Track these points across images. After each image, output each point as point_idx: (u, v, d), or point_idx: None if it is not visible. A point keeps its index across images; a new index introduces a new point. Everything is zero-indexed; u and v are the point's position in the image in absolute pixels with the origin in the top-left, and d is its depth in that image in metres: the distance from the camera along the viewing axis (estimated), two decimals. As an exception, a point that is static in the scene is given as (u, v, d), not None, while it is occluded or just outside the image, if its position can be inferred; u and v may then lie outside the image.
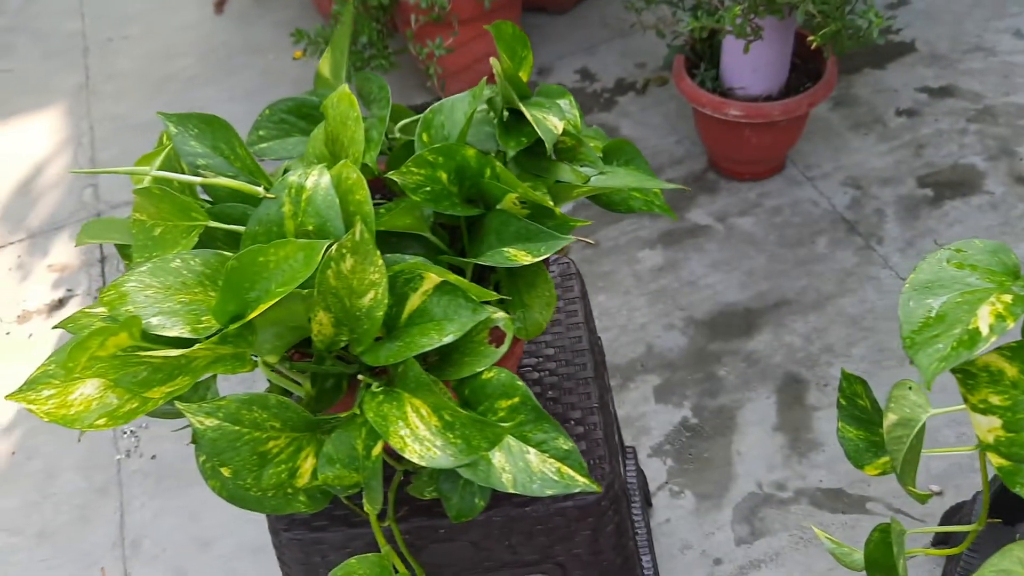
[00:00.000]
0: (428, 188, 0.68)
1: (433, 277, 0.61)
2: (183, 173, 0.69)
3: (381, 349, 0.61)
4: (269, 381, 0.72)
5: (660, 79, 2.13)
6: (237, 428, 0.59)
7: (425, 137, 0.71)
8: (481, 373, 0.61)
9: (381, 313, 0.60)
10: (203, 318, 0.60)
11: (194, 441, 0.65)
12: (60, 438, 1.62)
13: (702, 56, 1.82)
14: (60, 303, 1.85)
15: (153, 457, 1.57)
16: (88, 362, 0.54)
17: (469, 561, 0.87)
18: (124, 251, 0.74)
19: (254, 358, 0.63)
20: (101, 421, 0.59)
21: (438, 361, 0.65)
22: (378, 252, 0.59)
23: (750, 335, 1.61)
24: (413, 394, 0.60)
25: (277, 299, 0.56)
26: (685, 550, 1.36)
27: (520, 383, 0.60)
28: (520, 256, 0.66)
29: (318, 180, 0.62)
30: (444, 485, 0.66)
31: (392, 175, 0.66)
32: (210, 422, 0.58)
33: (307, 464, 0.62)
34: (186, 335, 0.59)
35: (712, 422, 1.50)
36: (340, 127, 0.69)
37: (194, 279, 0.62)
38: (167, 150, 0.69)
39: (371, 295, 0.60)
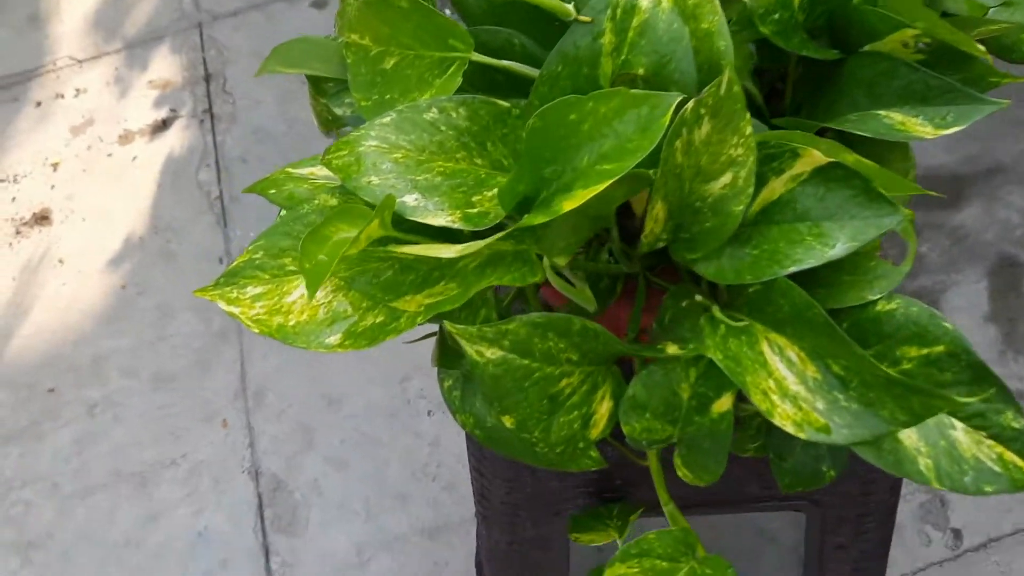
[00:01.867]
0: (777, 16, 0.46)
1: (816, 155, 0.41)
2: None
3: (724, 258, 0.42)
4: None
5: None
6: (527, 363, 0.41)
7: (767, -62, 0.49)
8: (875, 303, 0.42)
9: (741, 208, 0.41)
10: (474, 198, 0.41)
11: (441, 365, 0.48)
12: (172, 273, 1.49)
13: None
14: (164, 124, 1.68)
15: (273, 303, 1.44)
16: (338, 264, 0.36)
17: (710, 494, 0.71)
18: (321, 87, 0.54)
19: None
20: (334, 339, 0.42)
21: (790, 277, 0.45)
22: (748, 115, 0.39)
23: (957, 206, 1.38)
24: (776, 328, 0.41)
25: (611, 181, 0.37)
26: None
27: (948, 324, 0.40)
28: (912, 126, 0.45)
29: (659, -2, 0.41)
30: (776, 441, 0.49)
31: (743, -6, 0.44)
32: (492, 353, 0.40)
33: (603, 408, 0.45)
34: (455, 224, 0.40)
35: (910, 307, 1.30)
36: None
37: (455, 139, 0.43)
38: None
39: (726, 179, 0.40)
